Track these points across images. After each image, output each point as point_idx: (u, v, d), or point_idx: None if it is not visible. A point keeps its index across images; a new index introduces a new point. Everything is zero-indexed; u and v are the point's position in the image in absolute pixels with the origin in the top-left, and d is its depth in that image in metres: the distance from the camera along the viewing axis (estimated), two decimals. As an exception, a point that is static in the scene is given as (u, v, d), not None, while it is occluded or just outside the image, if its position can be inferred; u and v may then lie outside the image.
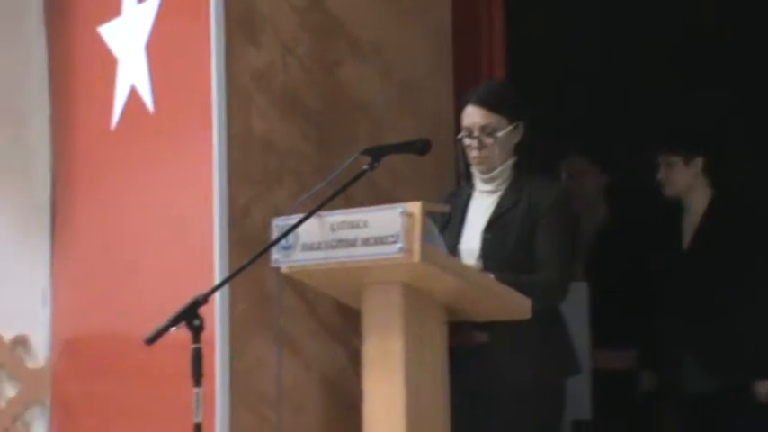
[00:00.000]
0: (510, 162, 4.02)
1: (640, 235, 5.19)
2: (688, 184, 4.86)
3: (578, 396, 4.84)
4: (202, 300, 3.46)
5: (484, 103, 3.97)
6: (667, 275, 4.87)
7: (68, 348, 5.10)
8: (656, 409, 5.13)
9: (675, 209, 4.93)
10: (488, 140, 3.97)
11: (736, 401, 4.74)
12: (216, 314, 4.10)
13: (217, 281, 4.03)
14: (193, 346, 3.41)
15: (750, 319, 4.67)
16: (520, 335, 3.86)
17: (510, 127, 3.99)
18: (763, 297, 4.68)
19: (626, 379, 5.26)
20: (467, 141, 4.01)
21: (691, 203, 4.88)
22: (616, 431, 5.35)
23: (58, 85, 5.21)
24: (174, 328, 3.42)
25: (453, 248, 3.99)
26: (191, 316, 3.43)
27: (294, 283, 4.04)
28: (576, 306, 4.89)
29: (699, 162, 4.84)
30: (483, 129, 3.97)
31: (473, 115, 3.99)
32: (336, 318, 4.27)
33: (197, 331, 3.42)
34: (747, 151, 5.65)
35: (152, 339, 3.41)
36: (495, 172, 4.02)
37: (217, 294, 4.04)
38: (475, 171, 4.06)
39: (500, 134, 3.97)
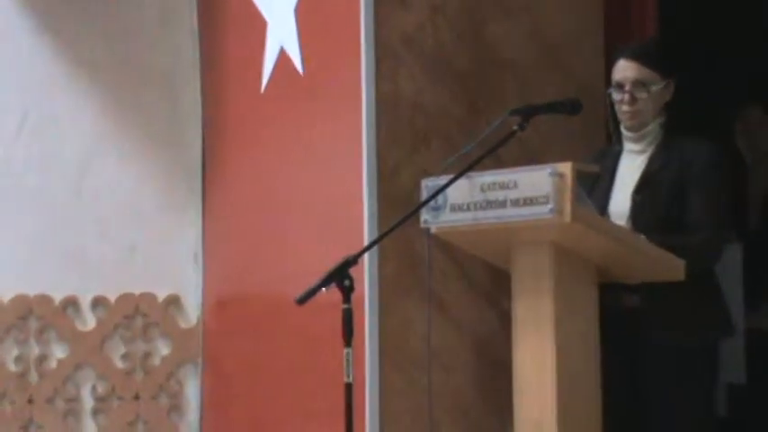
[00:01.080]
0: (660, 120, 3.95)
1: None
2: None
3: (733, 359, 4.76)
4: (353, 260, 3.47)
5: (637, 57, 3.90)
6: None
7: (220, 308, 5.19)
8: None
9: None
10: (642, 95, 3.90)
11: None
12: (365, 275, 4.12)
13: (366, 241, 4.05)
14: (344, 306, 3.42)
15: None
16: (672, 297, 3.79)
17: (663, 83, 3.91)
18: None
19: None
20: (617, 96, 3.95)
21: None
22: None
23: (209, 50, 5.28)
24: (324, 289, 3.44)
25: (602, 210, 3.94)
26: (341, 276, 3.44)
27: (443, 244, 4.04)
28: (730, 268, 4.81)
29: None
30: (635, 83, 3.90)
31: (626, 69, 3.92)
32: (486, 278, 4.26)
33: (347, 292, 3.44)
34: None
35: (303, 299, 3.44)
36: (646, 129, 3.94)
37: (366, 255, 4.06)
38: (623, 130, 3.99)
39: (653, 89, 3.90)
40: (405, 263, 4.18)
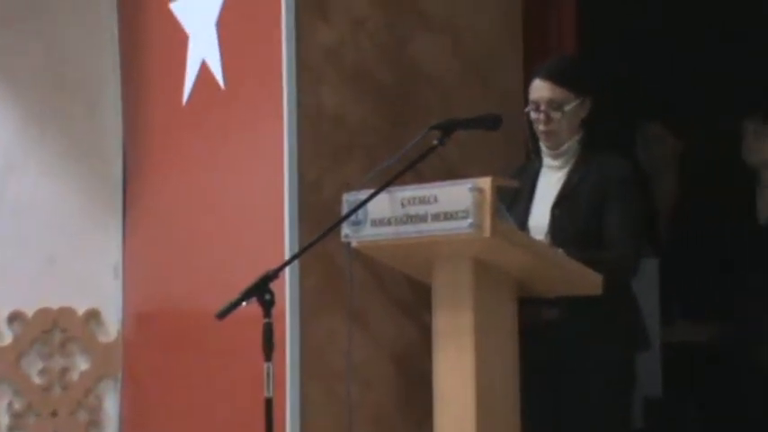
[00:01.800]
0: (577, 137, 4.00)
1: (715, 207, 5.15)
2: None
3: (649, 373, 4.83)
4: (273, 275, 3.47)
5: (551, 77, 3.95)
6: (745, 249, 4.82)
7: (140, 322, 5.15)
8: (736, 385, 5.09)
9: (749, 180, 4.87)
10: (555, 115, 3.95)
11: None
12: (286, 289, 4.12)
13: (287, 255, 4.05)
14: (264, 320, 3.42)
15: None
16: (590, 311, 3.83)
17: (577, 101, 3.96)
18: None
19: (700, 353, 5.24)
20: (534, 115, 4.00)
21: None
22: (687, 407, 5.32)
23: (129, 62, 5.25)
24: (244, 303, 3.44)
25: (522, 225, 3.98)
26: (261, 291, 3.44)
27: (364, 258, 4.04)
28: (647, 283, 4.88)
29: None
30: (550, 103, 3.95)
31: (540, 89, 3.97)
32: (407, 292, 4.27)
33: (268, 306, 3.44)
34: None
35: (223, 314, 3.43)
36: (563, 147, 4.00)
37: (287, 269, 4.06)
38: (542, 146, 4.04)
39: (567, 108, 3.95)
40: (326, 277, 4.19)
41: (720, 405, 5.23)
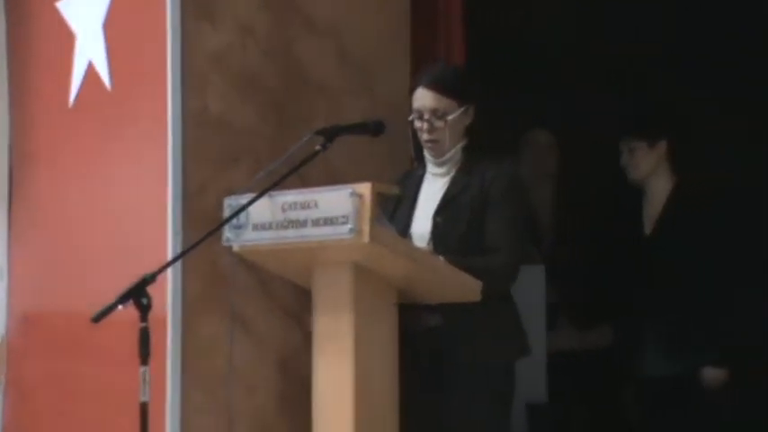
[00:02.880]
0: (460, 145, 4.03)
1: (602, 217, 5.21)
2: (651, 169, 4.85)
3: (534, 379, 4.87)
4: (150, 278, 3.46)
5: (434, 86, 3.97)
6: (630, 261, 4.88)
7: (24, 325, 5.08)
8: (617, 391, 5.16)
9: (636, 193, 4.94)
10: (438, 123, 3.97)
11: (695, 386, 4.76)
12: (168, 293, 4.10)
13: (170, 260, 4.03)
14: (141, 324, 3.41)
15: (705, 307, 4.70)
16: (470, 317, 3.86)
17: (460, 110, 3.99)
18: (722, 286, 4.69)
19: (585, 360, 5.30)
20: (417, 124, 4.02)
21: (653, 189, 4.87)
22: (572, 414, 5.38)
23: (16, 62, 5.18)
24: (121, 307, 3.42)
25: (405, 231, 4.00)
26: (138, 294, 3.43)
27: (248, 263, 4.04)
28: (533, 290, 4.93)
29: (663, 146, 4.83)
30: (433, 112, 3.97)
31: (423, 98, 3.99)
32: (290, 297, 4.27)
33: (145, 310, 3.42)
34: (711, 136, 5.66)
35: (98, 317, 3.41)
36: (446, 155, 4.02)
37: (170, 273, 4.06)
38: (426, 153, 4.06)
39: (450, 117, 3.97)
40: (209, 281, 4.17)
41: (603, 411, 5.31)
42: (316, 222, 3.66)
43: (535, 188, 5.48)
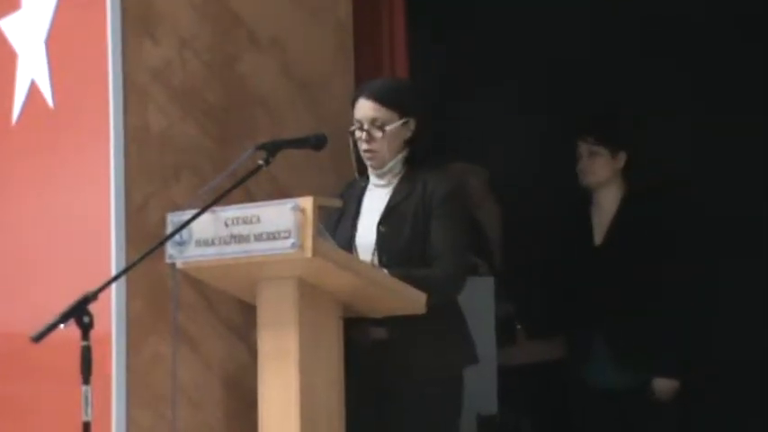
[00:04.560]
0: (400, 156, 4.03)
1: (551, 229, 5.22)
2: (607, 179, 4.86)
3: (484, 390, 4.88)
4: (92, 296, 3.43)
5: (375, 97, 3.98)
6: (579, 271, 4.89)
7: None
8: (566, 402, 5.17)
9: (582, 202, 4.95)
10: (378, 134, 3.98)
11: (644, 397, 4.78)
12: (112, 311, 4.07)
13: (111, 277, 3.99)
14: (82, 343, 3.38)
15: (657, 318, 4.72)
16: (416, 329, 3.86)
17: (400, 122, 3.99)
18: (670, 297, 4.71)
19: (535, 371, 5.31)
20: (357, 134, 4.02)
21: (604, 198, 4.88)
22: (521, 424, 5.39)
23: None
24: (62, 326, 3.39)
25: (349, 242, 4.00)
26: (80, 312, 3.40)
27: (193, 279, 4.02)
28: (482, 301, 4.93)
29: (623, 157, 4.84)
30: (372, 122, 3.98)
31: (363, 108, 4.00)
32: (236, 314, 4.25)
33: (86, 328, 3.39)
34: (662, 147, 5.67)
35: (39, 337, 3.38)
36: (387, 166, 4.02)
37: (113, 291, 4.03)
38: (368, 164, 4.06)
39: (389, 128, 3.98)
40: (153, 298, 4.14)
41: (553, 422, 5.31)
42: (258, 237, 3.65)
43: (482, 203, 5.51)
